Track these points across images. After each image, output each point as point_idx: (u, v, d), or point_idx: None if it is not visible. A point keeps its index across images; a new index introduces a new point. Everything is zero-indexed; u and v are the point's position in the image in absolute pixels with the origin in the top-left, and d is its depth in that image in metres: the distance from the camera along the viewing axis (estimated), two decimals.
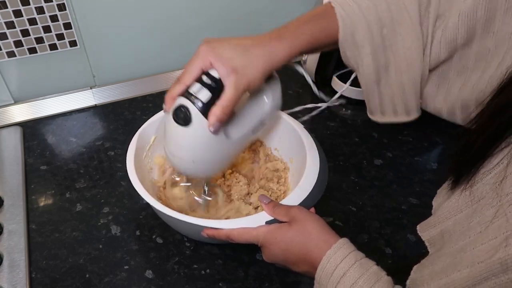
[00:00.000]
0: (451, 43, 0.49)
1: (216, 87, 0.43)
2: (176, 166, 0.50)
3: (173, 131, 0.46)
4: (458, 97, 0.52)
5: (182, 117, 0.44)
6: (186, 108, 0.43)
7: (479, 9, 0.45)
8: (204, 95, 0.43)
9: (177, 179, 0.61)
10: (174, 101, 0.45)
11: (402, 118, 0.57)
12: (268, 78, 0.51)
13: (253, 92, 0.53)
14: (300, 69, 0.57)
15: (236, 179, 0.65)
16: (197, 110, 0.43)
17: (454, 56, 0.51)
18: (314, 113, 0.64)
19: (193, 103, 0.43)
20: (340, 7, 0.49)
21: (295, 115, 0.60)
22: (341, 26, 0.49)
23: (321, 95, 0.58)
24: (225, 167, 0.54)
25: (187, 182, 0.61)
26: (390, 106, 0.57)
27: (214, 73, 0.44)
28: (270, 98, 0.53)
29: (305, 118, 0.63)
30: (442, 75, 0.53)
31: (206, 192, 0.59)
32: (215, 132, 0.44)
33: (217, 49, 0.44)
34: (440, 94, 0.54)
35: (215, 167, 0.52)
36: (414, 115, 0.57)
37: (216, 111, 0.43)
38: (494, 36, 0.46)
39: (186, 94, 0.44)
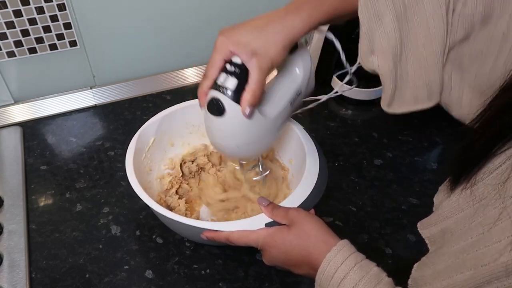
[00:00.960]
0: (469, 18, 0.47)
1: (241, 73, 0.44)
2: (224, 153, 0.52)
3: (211, 123, 0.48)
4: (474, 83, 0.50)
5: (215, 108, 0.45)
6: (218, 99, 0.45)
7: None
8: (231, 83, 0.44)
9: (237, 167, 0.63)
10: (206, 96, 0.46)
11: (422, 104, 0.54)
12: (295, 48, 0.51)
13: (281, 66, 0.53)
14: (330, 36, 0.55)
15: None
16: (228, 98, 0.44)
17: (470, 38, 0.49)
18: (311, 105, 0.63)
19: (223, 93, 0.44)
20: None
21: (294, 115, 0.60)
22: None
23: (347, 66, 0.56)
24: (272, 142, 0.55)
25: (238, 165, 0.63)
26: (412, 89, 0.54)
27: (236, 60, 0.45)
28: (301, 67, 0.53)
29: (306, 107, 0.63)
30: (456, 60, 0.51)
31: (261, 168, 0.60)
32: (250, 116, 0.45)
33: (233, 37, 0.45)
34: (454, 81, 0.53)
35: (261, 145, 0.53)
36: (435, 99, 0.54)
37: (246, 96, 0.44)
38: (510, 18, 0.45)
39: (215, 85, 0.45)
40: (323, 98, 0.62)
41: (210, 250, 0.59)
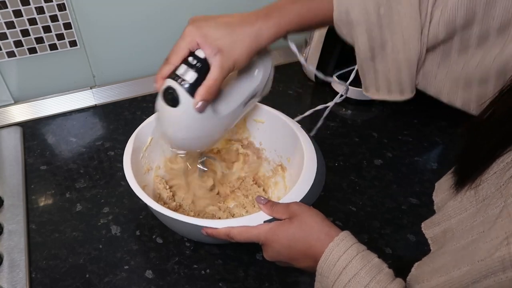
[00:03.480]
0: (450, 23, 0.48)
1: (202, 67, 0.45)
2: (168, 142, 0.52)
3: (163, 112, 0.48)
4: (460, 74, 0.51)
5: (170, 98, 0.46)
6: (174, 90, 0.45)
7: None
8: (190, 76, 0.45)
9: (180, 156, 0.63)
10: (163, 81, 0.47)
11: (395, 96, 0.56)
12: (259, 52, 0.52)
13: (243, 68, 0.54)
14: (293, 47, 0.56)
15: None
16: (184, 91, 0.45)
17: (454, 37, 0.49)
18: (324, 115, 0.64)
19: (180, 84, 0.45)
20: None
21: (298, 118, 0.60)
22: (336, 4, 0.49)
23: (320, 75, 0.58)
24: (217, 140, 0.56)
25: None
26: (384, 84, 0.56)
27: (200, 54, 0.45)
28: (261, 70, 0.54)
29: (320, 123, 0.64)
30: (444, 54, 0.52)
31: (203, 162, 0.61)
32: (201, 110, 0.46)
33: (203, 29, 0.45)
34: (441, 72, 0.53)
35: (206, 141, 0.53)
36: (408, 95, 0.56)
37: (201, 90, 0.45)
38: (496, 20, 0.45)
39: (173, 75, 0.46)
40: (331, 104, 0.63)
41: (210, 250, 0.59)
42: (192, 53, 0.45)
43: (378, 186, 0.70)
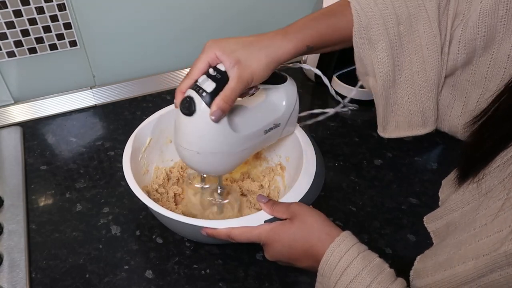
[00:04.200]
0: (470, 42, 0.48)
1: (221, 78, 0.45)
2: (182, 157, 0.51)
3: (179, 122, 0.48)
4: (476, 109, 0.49)
5: (187, 106, 0.45)
6: (191, 98, 0.45)
7: (500, 7, 0.44)
8: (209, 85, 0.45)
9: (196, 184, 0.61)
10: (183, 95, 0.47)
11: (417, 130, 0.55)
12: (285, 83, 0.53)
13: (268, 93, 0.54)
14: (305, 67, 0.56)
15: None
16: (201, 99, 0.45)
17: (472, 62, 0.49)
18: (320, 118, 0.64)
19: (198, 93, 0.45)
20: (355, 2, 0.49)
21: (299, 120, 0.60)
22: (356, 20, 0.49)
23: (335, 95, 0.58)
24: (233, 165, 0.53)
25: (201, 184, 0.60)
26: (405, 115, 0.54)
27: (220, 67, 0.46)
28: (285, 102, 0.54)
29: (310, 122, 0.64)
30: (459, 86, 0.52)
31: (220, 193, 0.59)
32: (216, 120, 0.45)
33: (221, 43, 0.46)
34: (457, 107, 0.53)
35: (221, 162, 0.51)
36: (430, 126, 0.54)
37: (218, 100, 0.44)
38: None
39: (193, 86, 0.46)
40: (331, 111, 0.63)
41: (210, 250, 0.59)
42: (214, 67, 0.46)
43: (378, 186, 0.70)
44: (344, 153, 0.76)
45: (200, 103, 0.45)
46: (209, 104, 0.45)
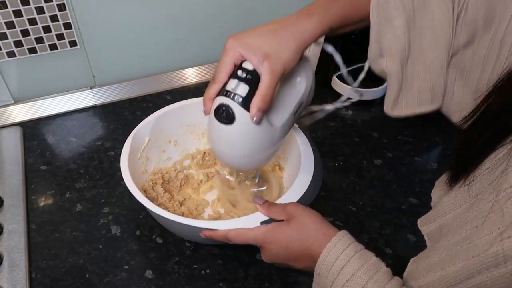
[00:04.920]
0: (471, 23, 0.47)
1: (252, 79, 0.43)
2: (228, 164, 0.51)
3: (219, 131, 0.46)
4: (475, 89, 0.50)
5: (225, 116, 0.43)
6: (227, 106, 0.43)
7: None
8: (242, 89, 0.43)
9: (227, 176, 0.61)
10: (212, 101, 0.45)
11: (425, 107, 0.54)
12: (300, 61, 0.50)
13: (287, 75, 0.52)
14: (329, 49, 0.55)
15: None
16: (238, 106, 0.43)
17: (473, 43, 0.49)
18: (320, 116, 0.64)
19: (233, 100, 0.43)
20: None
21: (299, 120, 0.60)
22: None
23: (350, 79, 0.56)
24: (273, 155, 0.53)
25: (231, 176, 0.61)
26: (415, 92, 0.53)
27: (247, 65, 0.43)
28: (304, 78, 0.52)
29: (310, 122, 0.63)
30: (460, 65, 0.51)
31: (259, 183, 0.59)
32: (258, 122, 0.44)
33: (244, 39, 0.44)
34: (457, 87, 0.52)
35: (265, 157, 0.51)
36: (438, 102, 0.54)
37: (257, 101, 0.43)
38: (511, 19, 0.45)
39: (224, 92, 0.43)
40: (330, 107, 0.62)
41: (210, 250, 0.59)
42: (239, 67, 0.43)
43: (378, 186, 0.70)
44: (344, 153, 0.76)
45: (238, 110, 0.43)
46: (247, 108, 0.43)
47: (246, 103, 0.43)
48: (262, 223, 0.47)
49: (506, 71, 0.39)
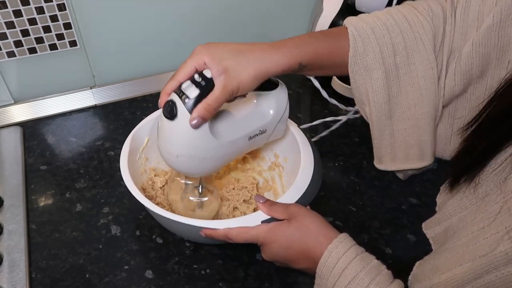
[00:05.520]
0: (466, 73, 0.47)
1: (206, 86, 0.44)
2: (163, 158, 0.52)
3: (161, 125, 0.49)
4: None
5: (169, 111, 0.46)
6: (174, 103, 0.45)
7: (492, 36, 0.44)
8: (192, 91, 0.44)
9: (181, 180, 0.61)
10: (167, 96, 0.47)
11: (414, 163, 0.54)
12: (276, 89, 0.52)
13: (257, 99, 0.53)
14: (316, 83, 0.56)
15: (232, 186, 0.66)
16: (183, 106, 0.45)
17: (468, 90, 0.49)
18: (334, 127, 0.64)
19: (181, 98, 0.45)
20: (353, 27, 0.48)
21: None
22: (352, 45, 0.48)
23: (333, 101, 0.57)
24: (215, 169, 0.53)
25: (186, 181, 0.61)
26: (402, 149, 0.54)
27: (207, 73, 0.45)
28: (274, 108, 0.53)
29: (324, 133, 0.64)
30: (456, 114, 0.51)
31: (201, 192, 0.59)
32: (196, 127, 0.45)
33: (211, 49, 0.45)
34: (456, 135, 0.52)
35: (203, 166, 0.51)
36: (428, 160, 0.54)
37: (200, 107, 0.44)
38: (510, 65, 0.45)
39: (177, 90, 0.46)
40: (344, 118, 0.62)
41: (210, 250, 0.59)
42: (200, 72, 0.45)
43: (378, 186, 0.70)
44: (344, 153, 0.76)
45: (181, 109, 0.45)
46: (190, 110, 0.44)
47: (191, 105, 0.44)
48: (263, 222, 0.47)
49: (506, 79, 0.39)
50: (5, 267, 0.54)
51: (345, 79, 0.86)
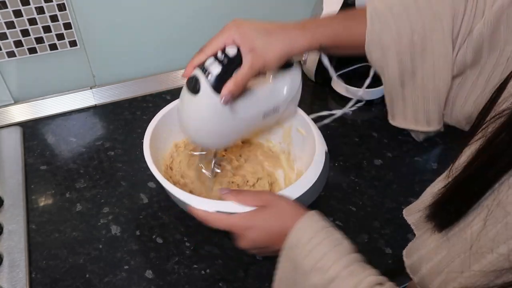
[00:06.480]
0: (477, 46, 0.48)
1: (228, 64, 0.46)
2: (182, 131, 0.54)
3: (183, 98, 0.50)
4: (482, 98, 0.49)
5: (192, 85, 0.48)
6: (197, 79, 0.47)
7: (504, 10, 0.44)
8: (215, 68, 0.46)
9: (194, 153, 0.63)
10: (192, 69, 0.48)
11: (422, 127, 0.56)
12: (291, 68, 0.54)
13: (273, 77, 0.55)
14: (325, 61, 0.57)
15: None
16: (206, 82, 0.46)
17: (481, 60, 0.49)
18: (326, 121, 0.64)
19: (204, 74, 0.47)
20: (371, 8, 0.50)
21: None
22: (369, 25, 0.50)
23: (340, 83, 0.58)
24: (229, 143, 0.57)
25: (201, 152, 0.63)
26: (412, 113, 0.55)
27: (230, 51, 0.47)
28: (288, 88, 0.55)
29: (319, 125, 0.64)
30: (465, 84, 0.51)
31: (214, 165, 0.61)
32: (226, 103, 0.47)
33: (241, 28, 0.47)
34: (471, 98, 0.51)
35: (218, 140, 0.54)
36: (434, 126, 0.55)
37: (229, 84, 0.46)
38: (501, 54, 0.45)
39: (201, 66, 0.47)
40: (339, 112, 0.64)
41: (210, 250, 0.59)
42: (223, 49, 0.47)
43: (378, 186, 0.70)
44: (344, 153, 0.76)
45: (204, 85, 0.46)
46: (213, 87, 0.46)
47: (214, 82, 0.46)
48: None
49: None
50: (5, 267, 0.54)
51: (345, 78, 0.86)
